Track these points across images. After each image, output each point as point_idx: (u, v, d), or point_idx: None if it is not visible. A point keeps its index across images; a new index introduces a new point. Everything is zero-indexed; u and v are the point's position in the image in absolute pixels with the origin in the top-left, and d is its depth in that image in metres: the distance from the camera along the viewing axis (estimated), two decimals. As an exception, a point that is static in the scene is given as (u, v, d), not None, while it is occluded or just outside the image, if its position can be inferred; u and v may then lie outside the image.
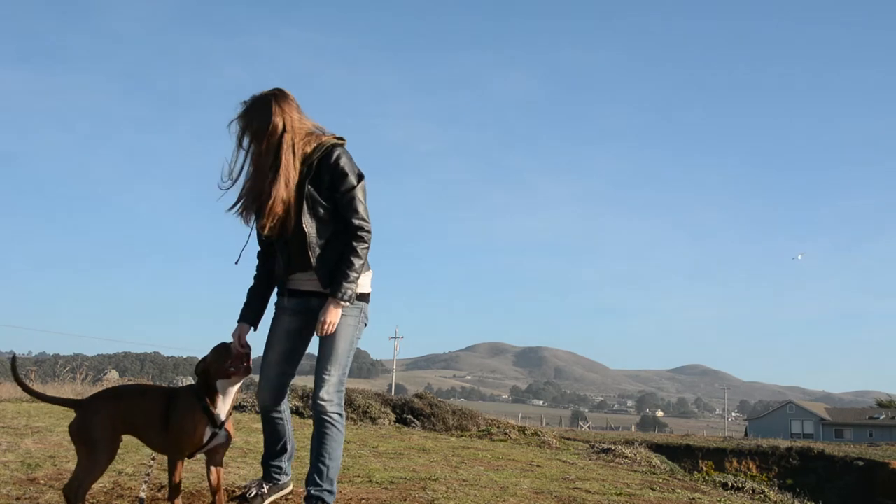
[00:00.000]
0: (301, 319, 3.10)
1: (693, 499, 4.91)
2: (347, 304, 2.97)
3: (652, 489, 5.24)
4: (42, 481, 3.89)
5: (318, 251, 2.98)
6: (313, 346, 3.19)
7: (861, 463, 28.60)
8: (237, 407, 10.72)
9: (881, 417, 58.07)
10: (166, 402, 2.95)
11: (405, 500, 3.86)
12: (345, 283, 2.95)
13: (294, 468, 4.86)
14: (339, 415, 3.03)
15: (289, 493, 3.50)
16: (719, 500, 5.07)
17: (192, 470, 4.19)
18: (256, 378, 3.43)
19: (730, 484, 6.53)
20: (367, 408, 11.21)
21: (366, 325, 3.15)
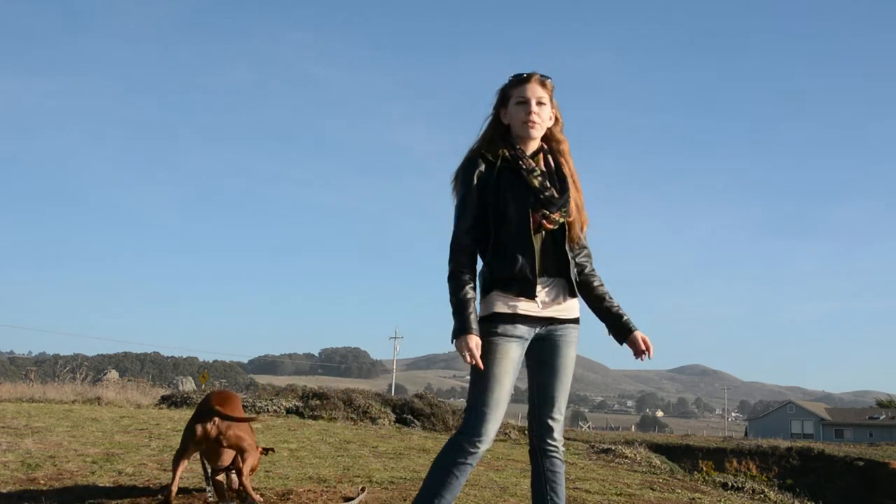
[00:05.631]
0: (523, 349, 2.56)
1: (693, 499, 4.92)
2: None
3: (652, 489, 5.24)
4: (42, 481, 3.89)
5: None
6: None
7: (861, 463, 28.60)
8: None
9: (881, 417, 58.03)
10: None
11: (405, 500, 3.86)
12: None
13: (294, 467, 4.87)
14: None
15: None
16: (719, 500, 5.07)
17: (192, 470, 4.18)
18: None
19: (730, 484, 6.54)
20: (367, 408, 11.21)
21: None
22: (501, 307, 2.48)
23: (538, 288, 2.50)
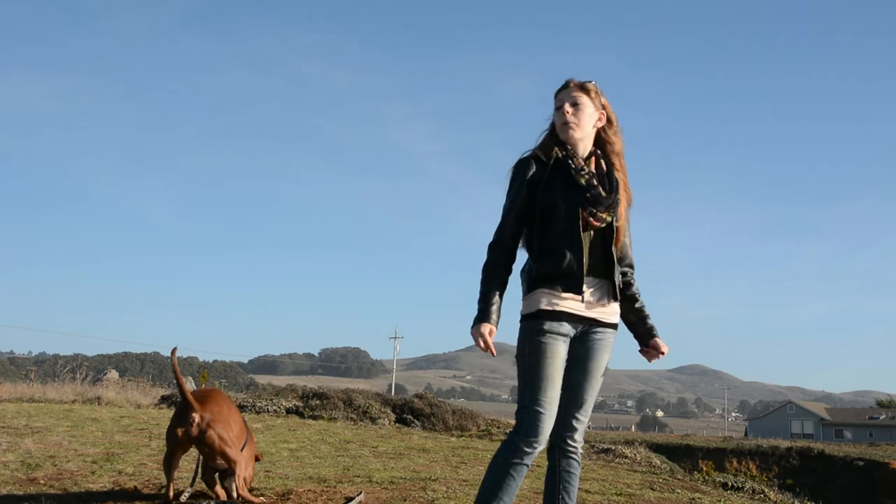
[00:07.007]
0: (567, 347, 2.57)
1: (693, 499, 4.91)
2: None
3: (652, 489, 5.24)
4: (42, 481, 3.89)
5: None
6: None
7: (861, 463, 28.58)
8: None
9: (881, 417, 58.02)
10: None
11: (405, 500, 3.85)
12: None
13: (294, 467, 4.86)
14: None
15: None
16: (719, 500, 5.07)
17: (192, 470, 4.17)
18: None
19: (730, 484, 6.53)
20: (367, 408, 11.21)
21: None
22: (546, 304, 2.49)
23: (584, 287, 2.50)
